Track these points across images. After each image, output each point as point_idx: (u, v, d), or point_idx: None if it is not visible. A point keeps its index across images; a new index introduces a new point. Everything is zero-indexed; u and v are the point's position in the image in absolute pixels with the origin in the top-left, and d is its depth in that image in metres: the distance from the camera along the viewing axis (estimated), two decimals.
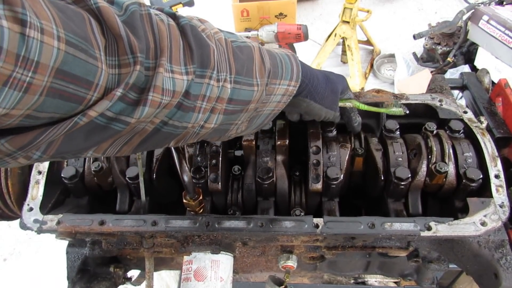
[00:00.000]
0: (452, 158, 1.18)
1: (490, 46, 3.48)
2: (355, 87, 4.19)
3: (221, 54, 0.70)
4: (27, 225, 1.15)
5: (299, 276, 1.79)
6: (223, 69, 0.70)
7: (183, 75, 0.63)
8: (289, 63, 0.90)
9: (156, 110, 0.61)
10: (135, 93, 0.58)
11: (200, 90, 0.66)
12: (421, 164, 1.18)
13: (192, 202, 1.15)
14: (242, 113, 0.79)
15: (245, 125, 0.86)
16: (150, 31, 0.60)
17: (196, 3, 5.58)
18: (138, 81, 0.58)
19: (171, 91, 0.61)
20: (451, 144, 1.21)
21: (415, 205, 1.21)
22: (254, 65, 0.77)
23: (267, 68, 0.80)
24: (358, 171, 1.29)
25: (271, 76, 0.82)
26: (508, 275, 1.03)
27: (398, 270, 1.55)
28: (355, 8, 3.80)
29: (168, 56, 0.61)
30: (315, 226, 1.09)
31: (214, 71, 0.68)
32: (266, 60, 0.81)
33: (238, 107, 0.76)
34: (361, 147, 1.28)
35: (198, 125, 0.71)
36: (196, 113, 0.68)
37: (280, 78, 0.85)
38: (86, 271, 1.29)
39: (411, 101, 1.39)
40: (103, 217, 1.14)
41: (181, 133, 0.70)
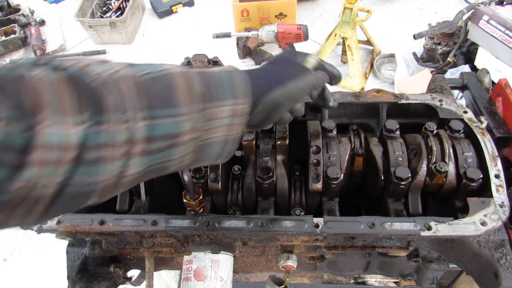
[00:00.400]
0: (452, 158, 1.18)
1: (490, 46, 3.48)
2: (355, 87, 4.19)
3: (122, 93, 0.63)
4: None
5: (299, 276, 1.79)
6: (128, 108, 0.62)
7: (74, 126, 0.57)
8: (230, 81, 0.78)
9: (46, 171, 0.55)
10: (12, 156, 0.52)
11: (101, 138, 0.59)
12: (421, 164, 1.18)
13: (192, 202, 1.15)
14: (175, 147, 0.70)
15: (191, 158, 0.77)
16: (23, 89, 0.55)
17: (196, 3, 5.59)
18: (11, 142, 0.52)
19: (61, 146, 0.55)
20: (451, 144, 1.21)
21: (415, 205, 1.21)
22: (175, 93, 0.69)
23: (198, 93, 0.72)
24: (358, 170, 1.29)
25: (207, 99, 0.73)
26: (508, 275, 1.03)
27: (398, 270, 1.55)
28: (355, 8, 3.80)
29: (52, 110, 0.55)
30: (315, 226, 1.09)
31: (113, 114, 0.61)
32: (195, 84, 0.73)
33: (165, 143, 0.68)
34: (361, 146, 1.28)
35: (115, 176, 0.64)
36: (106, 163, 0.61)
37: (221, 100, 0.76)
38: (86, 270, 1.29)
39: (411, 101, 1.39)
40: (103, 217, 1.14)
41: (94, 190, 0.63)
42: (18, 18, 5.30)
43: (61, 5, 5.87)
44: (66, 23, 5.53)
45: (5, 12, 5.27)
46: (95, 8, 5.15)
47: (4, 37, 5.07)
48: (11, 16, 5.26)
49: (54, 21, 5.58)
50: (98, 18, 5.10)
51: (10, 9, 5.35)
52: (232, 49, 4.70)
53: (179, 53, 1.46)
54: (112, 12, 5.21)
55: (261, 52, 4.65)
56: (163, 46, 5.07)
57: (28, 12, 5.46)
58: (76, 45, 5.31)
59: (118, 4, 5.20)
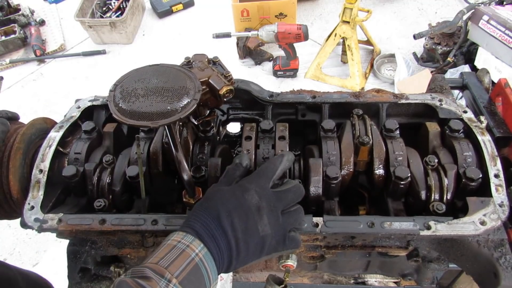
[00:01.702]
0: (451, 192, 1.16)
1: (490, 46, 3.48)
2: (355, 87, 4.20)
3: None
4: (28, 224, 1.16)
5: (299, 276, 1.79)
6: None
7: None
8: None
9: None
10: None
11: None
12: (420, 203, 1.18)
13: (192, 201, 1.15)
14: None
15: None
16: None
17: (196, 3, 5.60)
18: None
19: None
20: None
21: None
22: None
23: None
24: (363, 161, 1.25)
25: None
26: (508, 274, 1.03)
27: (398, 270, 1.55)
28: (355, 8, 3.80)
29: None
30: (314, 225, 1.09)
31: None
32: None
33: None
34: (367, 135, 1.22)
35: None
36: None
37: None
38: (86, 270, 1.29)
39: (411, 100, 1.39)
40: (103, 216, 1.14)
41: None
42: (18, 18, 5.31)
43: (61, 5, 5.88)
44: (66, 23, 5.54)
45: (5, 12, 5.28)
46: (95, 8, 5.16)
47: (4, 37, 5.08)
48: (11, 16, 5.27)
49: (54, 21, 5.58)
50: (98, 18, 5.11)
51: (10, 9, 5.36)
52: (232, 49, 4.70)
53: (179, 53, 1.47)
54: (112, 12, 5.21)
55: (261, 52, 4.66)
56: (163, 46, 5.07)
57: (28, 12, 5.46)
58: (76, 45, 5.31)
59: (118, 4, 5.21)
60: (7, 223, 3.48)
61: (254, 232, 0.93)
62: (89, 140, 1.32)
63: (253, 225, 0.93)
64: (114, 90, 0.97)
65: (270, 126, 1.30)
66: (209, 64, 1.23)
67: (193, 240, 0.89)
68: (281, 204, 0.98)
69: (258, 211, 0.94)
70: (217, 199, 0.95)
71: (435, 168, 1.18)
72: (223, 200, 0.95)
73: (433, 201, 1.15)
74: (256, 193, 0.96)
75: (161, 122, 0.89)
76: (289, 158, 1.06)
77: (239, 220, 0.92)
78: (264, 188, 0.98)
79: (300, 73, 4.49)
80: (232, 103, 1.52)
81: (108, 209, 1.23)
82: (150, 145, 1.29)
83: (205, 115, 1.29)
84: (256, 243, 0.93)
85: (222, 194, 0.96)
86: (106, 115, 1.48)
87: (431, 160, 1.19)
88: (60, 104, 4.45)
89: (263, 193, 0.97)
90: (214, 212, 0.92)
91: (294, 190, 1.01)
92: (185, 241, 0.88)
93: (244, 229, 0.92)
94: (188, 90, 0.95)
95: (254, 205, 0.94)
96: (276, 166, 1.03)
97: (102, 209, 1.21)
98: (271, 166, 1.03)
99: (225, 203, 0.94)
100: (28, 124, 1.32)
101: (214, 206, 0.94)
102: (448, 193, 1.15)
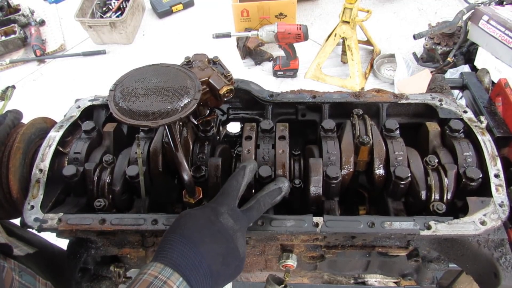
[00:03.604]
0: (451, 191, 1.16)
1: (490, 46, 3.48)
2: (355, 87, 4.20)
3: None
4: (28, 224, 1.15)
5: (299, 276, 1.79)
6: None
7: None
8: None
9: None
10: None
11: None
12: (420, 203, 1.18)
13: (192, 201, 1.15)
14: None
15: None
16: None
17: (196, 3, 5.60)
18: None
19: None
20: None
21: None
22: None
23: None
24: (363, 160, 1.25)
25: None
26: (508, 274, 1.03)
27: (398, 270, 1.55)
28: (355, 8, 3.80)
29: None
30: (314, 225, 1.09)
31: None
32: None
33: None
34: (367, 134, 1.22)
35: None
36: None
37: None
38: (86, 270, 1.29)
39: (411, 100, 1.39)
40: (103, 216, 1.14)
41: None
42: (18, 18, 5.31)
43: (61, 5, 5.88)
44: (66, 23, 5.54)
45: (5, 12, 5.28)
46: (95, 8, 5.16)
47: (4, 37, 5.08)
48: (11, 16, 5.27)
49: (54, 21, 5.58)
50: (98, 18, 5.11)
51: (10, 9, 5.36)
52: (232, 49, 4.70)
53: (179, 53, 1.47)
54: (112, 12, 5.21)
55: (261, 52, 4.66)
56: (163, 46, 5.07)
57: (28, 12, 5.46)
58: (76, 45, 5.31)
59: (118, 4, 5.21)
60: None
61: (235, 255, 0.93)
62: (89, 140, 1.32)
63: (233, 248, 0.93)
64: (114, 89, 0.97)
65: (270, 126, 1.30)
66: (209, 64, 1.23)
67: (171, 274, 0.84)
68: (249, 222, 1.03)
69: (235, 234, 0.95)
70: (192, 226, 0.92)
71: (435, 168, 1.18)
72: (198, 227, 0.92)
73: (433, 201, 1.15)
74: (230, 216, 0.97)
75: (161, 121, 0.89)
76: (251, 167, 1.08)
77: (218, 245, 0.91)
78: (234, 210, 0.99)
79: (300, 73, 4.49)
80: (232, 103, 1.52)
81: (108, 209, 1.23)
82: (150, 145, 1.29)
83: (205, 115, 1.29)
84: (236, 265, 0.94)
85: (196, 220, 0.94)
86: (106, 115, 1.48)
87: (431, 160, 1.19)
88: (60, 104, 4.43)
89: (235, 215, 0.98)
90: (192, 240, 0.89)
91: (256, 207, 1.04)
92: (163, 276, 0.83)
93: (225, 253, 0.91)
94: (188, 90, 0.95)
95: (231, 228, 0.95)
96: (239, 182, 1.04)
97: (102, 209, 1.21)
98: (234, 183, 1.04)
99: (201, 229, 0.91)
100: (28, 124, 1.32)
101: (190, 234, 0.90)
102: (448, 193, 1.15)
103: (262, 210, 1.06)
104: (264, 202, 1.06)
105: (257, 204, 1.04)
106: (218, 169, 1.21)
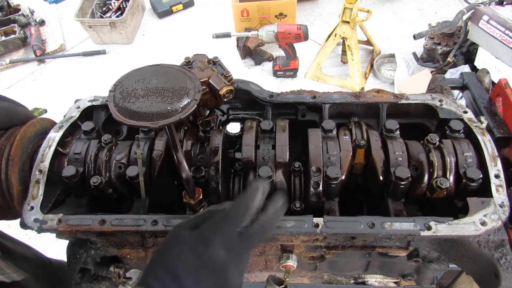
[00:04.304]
0: (453, 171, 1.15)
1: (490, 46, 3.48)
2: (355, 87, 4.19)
3: None
4: (28, 225, 1.15)
5: (299, 276, 1.78)
6: None
7: None
8: None
9: None
10: None
11: None
12: (423, 179, 1.17)
13: (192, 202, 1.15)
14: None
15: None
16: None
17: (196, 3, 5.59)
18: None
19: None
20: (453, 155, 1.18)
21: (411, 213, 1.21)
22: None
23: None
24: (360, 163, 1.27)
25: None
26: (508, 274, 1.03)
27: (398, 270, 1.55)
28: (355, 8, 3.80)
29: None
30: (315, 226, 1.09)
31: None
32: None
33: None
34: (363, 138, 1.26)
35: None
36: None
37: None
38: (86, 270, 1.29)
39: (411, 101, 1.39)
40: (103, 217, 1.14)
41: None
42: (18, 18, 5.30)
43: (61, 5, 5.87)
44: (66, 23, 5.53)
45: (5, 12, 5.27)
46: (95, 8, 5.15)
47: (4, 37, 5.07)
48: (11, 16, 5.26)
49: (54, 21, 5.58)
50: (98, 18, 5.10)
51: (10, 9, 5.35)
52: (232, 49, 4.70)
53: (179, 53, 1.46)
54: (112, 12, 5.20)
55: (261, 52, 4.65)
56: (163, 46, 5.06)
57: (28, 12, 5.45)
58: (76, 45, 5.31)
59: (118, 4, 5.20)
60: (7, 223, 3.47)
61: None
62: (89, 140, 1.32)
63: (221, 284, 0.82)
64: (114, 90, 0.97)
65: (270, 126, 1.30)
66: (209, 64, 1.23)
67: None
68: (248, 251, 0.89)
69: (227, 268, 0.82)
70: (177, 254, 0.83)
71: (437, 146, 1.18)
72: (183, 256, 0.82)
73: (436, 177, 1.14)
74: (222, 246, 0.83)
75: (161, 122, 0.89)
76: (264, 188, 0.88)
77: (204, 280, 0.80)
78: (231, 238, 0.84)
79: (300, 73, 4.49)
80: (232, 103, 1.52)
81: (104, 187, 1.23)
82: (150, 145, 1.29)
83: (205, 115, 1.29)
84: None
85: (182, 248, 0.83)
86: (106, 115, 1.48)
87: (432, 138, 1.19)
88: (60, 104, 4.44)
89: (230, 244, 0.84)
90: (174, 271, 0.80)
91: (260, 232, 0.88)
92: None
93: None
94: (188, 91, 0.95)
95: (221, 262, 0.82)
96: (249, 206, 0.86)
97: (98, 186, 1.21)
98: (243, 207, 0.86)
99: (185, 260, 0.81)
100: (26, 126, 1.31)
101: (173, 263, 0.81)
102: (451, 171, 1.15)
103: (265, 235, 0.92)
104: (269, 226, 0.91)
105: (260, 229, 0.88)
106: (218, 173, 1.21)
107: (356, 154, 1.25)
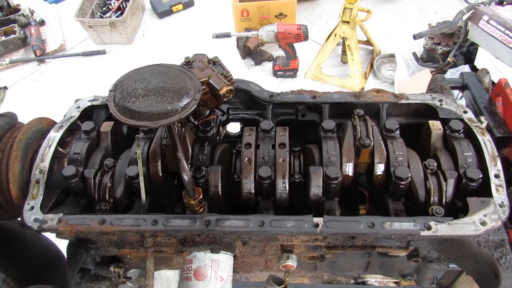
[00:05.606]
0: (450, 198, 1.15)
1: (490, 46, 3.48)
2: (355, 87, 4.19)
3: None
4: (28, 224, 1.15)
5: (299, 276, 1.78)
6: None
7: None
8: None
9: None
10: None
11: None
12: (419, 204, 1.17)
13: (192, 202, 1.15)
14: None
15: None
16: None
17: (196, 3, 5.59)
18: None
19: None
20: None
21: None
22: None
23: None
24: (364, 162, 1.25)
25: None
26: (508, 274, 1.03)
27: (398, 270, 1.55)
28: (355, 8, 3.80)
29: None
30: (315, 226, 1.09)
31: None
32: None
33: None
34: (368, 137, 1.21)
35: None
36: None
37: None
38: (86, 270, 1.29)
39: (411, 101, 1.39)
40: (103, 217, 1.14)
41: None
42: (18, 18, 5.30)
43: (61, 5, 5.87)
44: (66, 23, 5.53)
45: (5, 12, 5.27)
46: (95, 8, 5.15)
47: (4, 37, 5.07)
48: (11, 16, 5.26)
49: (54, 21, 5.57)
50: (98, 18, 5.10)
51: (10, 9, 5.35)
52: (232, 49, 4.70)
53: (179, 53, 1.46)
54: (112, 12, 5.20)
55: (261, 52, 4.65)
56: (163, 46, 5.06)
57: (28, 12, 5.45)
58: (76, 45, 5.31)
59: (118, 4, 5.20)
60: None
61: None
62: (89, 140, 1.32)
63: None
64: (114, 90, 0.97)
65: (270, 126, 1.30)
66: (209, 64, 1.23)
67: None
68: None
69: None
70: None
71: (434, 172, 1.18)
72: None
73: (432, 204, 1.14)
74: None
75: (162, 122, 0.89)
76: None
77: None
78: None
79: (300, 73, 4.49)
80: (232, 103, 1.52)
81: (109, 212, 1.23)
82: (150, 145, 1.29)
83: (205, 115, 1.29)
84: None
85: None
86: (106, 115, 1.48)
87: (430, 164, 1.19)
88: (60, 104, 4.43)
89: None
90: None
91: None
92: None
93: None
94: (188, 90, 0.95)
95: None
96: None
97: (104, 212, 1.21)
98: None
99: None
100: (23, 129, 1.31)
101: None
102: (448, 197, 1.15)
103: None
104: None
105: None
106: (218, 177, 1.21)
107: (361, 153, 1.22)
